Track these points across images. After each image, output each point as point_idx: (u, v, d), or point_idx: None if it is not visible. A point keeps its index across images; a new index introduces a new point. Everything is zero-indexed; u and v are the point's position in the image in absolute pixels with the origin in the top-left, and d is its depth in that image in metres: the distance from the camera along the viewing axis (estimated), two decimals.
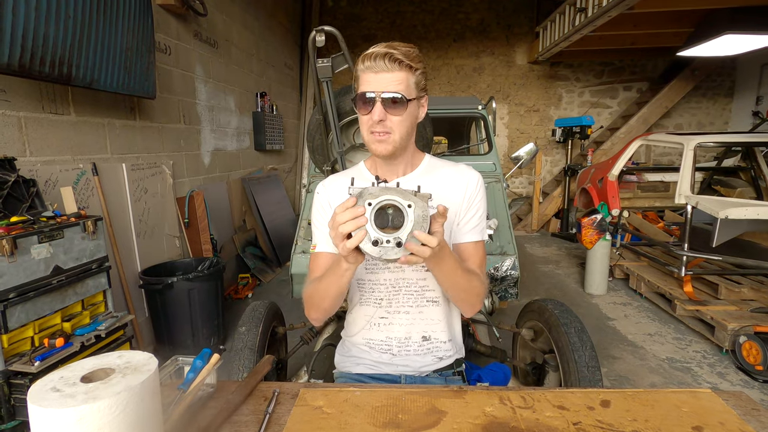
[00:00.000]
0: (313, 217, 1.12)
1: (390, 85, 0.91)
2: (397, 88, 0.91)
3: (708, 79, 6.20)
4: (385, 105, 0.92)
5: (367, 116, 0.94)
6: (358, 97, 0.95)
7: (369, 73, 0.92)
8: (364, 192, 0.77)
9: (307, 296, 1.04)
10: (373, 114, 0.92)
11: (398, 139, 0.96)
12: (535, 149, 2.61)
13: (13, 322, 1.48)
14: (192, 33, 3.31)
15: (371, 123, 0.94)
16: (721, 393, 0.84)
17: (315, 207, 1.11)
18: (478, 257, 1.08)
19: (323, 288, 0.96)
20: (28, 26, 1.68)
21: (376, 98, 0.92)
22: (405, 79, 0.92)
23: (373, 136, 0.96)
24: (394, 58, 0.90)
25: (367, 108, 0.94)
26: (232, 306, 3.43)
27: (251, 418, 0.79)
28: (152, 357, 0.62)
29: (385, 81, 0.91)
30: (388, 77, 0.91)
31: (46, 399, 0.50)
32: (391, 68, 0.91)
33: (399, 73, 0.91)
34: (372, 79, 0.92)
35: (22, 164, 1.85)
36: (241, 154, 4.28)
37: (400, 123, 0.95)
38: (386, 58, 0.89)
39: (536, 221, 6.21)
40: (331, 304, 0.99)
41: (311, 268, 1.09)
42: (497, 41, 6.55)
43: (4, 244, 1.41)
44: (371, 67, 0.91)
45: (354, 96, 0.98)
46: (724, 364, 2.50)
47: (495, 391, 0.86)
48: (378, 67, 0.91)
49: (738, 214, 2.51)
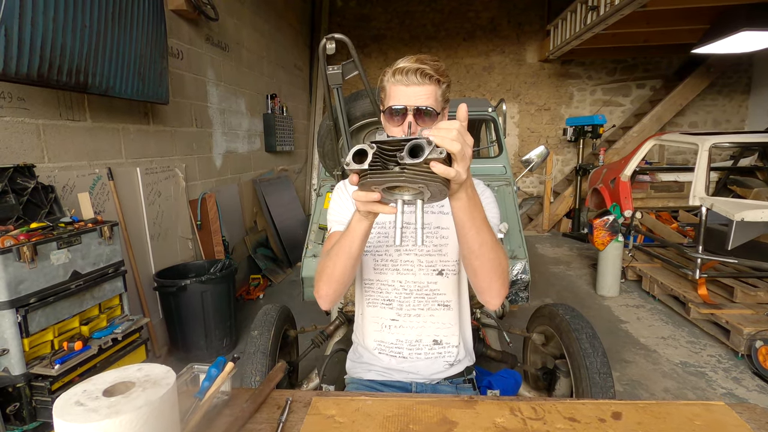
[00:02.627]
0: (331, 206, 1.14)
1: (420, 99, 0.94)
2: (428, 101, 0.94)
3: (724, 76, 6.07)
4: (416, 117, 0.95)
5: (398, 128, 0.97)
6: (389, 109, 0.97)
7: (400, 86, 0.95)
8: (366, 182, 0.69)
9: (319, 270, 1.00)
10: (404, 126, 0.95)
11: None
12: (546, 152, 2.59)
13: (33, 326, 1.52)
14: (203, 37, 3.35)
15: (402, 134, 0.96)
16: (735, 406, 0.83)
17: (334, 197, 1.15)
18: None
19: (335, 251, 0.92)
20: (46, 37, 1.72)
21: (408, 111, 0.94)
22: (434, 92, 0.95)
23: None
24: (425, 73, 0.93)
25: (398, 120, 0.97)
26: (244, 307, 3.47)
27: (265, 427, 0.81)
28: (170, 370, 0.63)
29: (416, 94, 0.94)
30: (419, 90, 0.94)
31: (70, 413, 0.52)
32: (421, 82, 0.93)
33: (429, 87, 0.94)
34: (402, 92, 0.95)
35: (41, 170, 1.89)
36: (252, 155, 4.32)
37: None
38: (418, 73, 0.92)
39: (547, 221, 6.16)
40: (342, 271, 0.93)
41: (325, 246, 1.08)
42: (507, 40, 6.50)
43: (25, 251, 1.46)
44: (402, 81, 0.94)
45: (383, 108, 1.00)
46: (740, 369, 2.46)
47: (506, 402, 0.86)
48: (409, 81, 0.93)
49: (754, 217, 2.46)
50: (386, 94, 0.99)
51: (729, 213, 2.56)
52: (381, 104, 1.04)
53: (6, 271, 1.42)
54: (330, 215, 1.13)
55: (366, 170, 0.66)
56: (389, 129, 1.01)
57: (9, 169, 1.68)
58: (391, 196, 0.73)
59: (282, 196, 4.72)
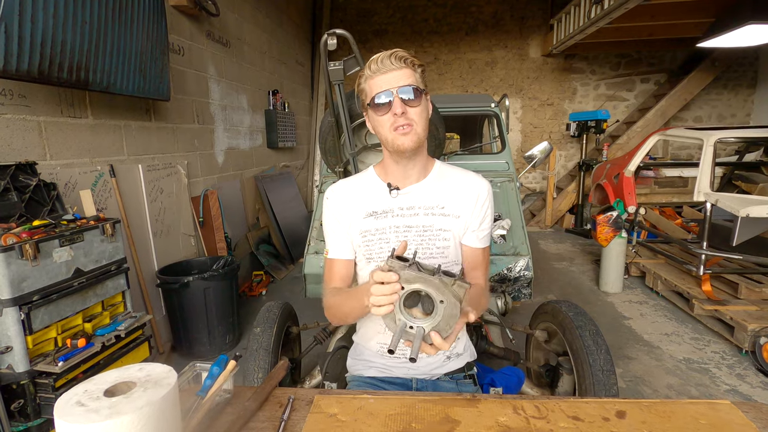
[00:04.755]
0: (324, 224, 1.13)
1: (401, 80, 0.95)
2: (409, 80, 0.95)
3: (729, 70, 6.01)
4: (402, 97, 0.95)
5: (386, 115, 0.97)
6: (374, 101, 0.97)
7: (379, 75, 0.96)
8: (401, 273, 0.77)
9: (328, 305, 1.08)
10: (394, 108, 0.95)
11: (420, 131, 0.99)
12: (549, 148, 2.57)
13: (37, 323, 1.52)
14: (204, 33, 3.34)
15: (393, 119, 0.96)
16: (741, 405, 0.82)
17: (325, 213, 1.13)
18: (485, 263, 1.13)
19: (346, 310, 1.02)
20: (47, 33, 1.71)
21: (394, 93, 0.95)
22: (412, 74, 0.97)
23: (397, 132, 0.97)
24: (399, 56, 0.95)
25: (385, 108, 0.96)
26: (247, 303, 3.48)
27: (267, 425, 0.81)
28: (171, 370, 0.63)
29: (396, 78, 0.95)
30: (399, 74, 0.95)
31: (71, 414, 0.52)
32: (399, 66, 0.95)
33: (407, 69, 0.96)
34: (383, 79, 0.96)
35: (43, 168, 1.89)
36: (254, 152, 4.31)
37: (420, 114, 0.98)
38: (392, 57, 0.95)
39: (550, 217, 6.14)
40: (353, 321, 1.11)
41: (328, 275, 1.12)
42: (510, 34, 6.45)
43: (28, 249, 1.46)
44: (380, 69, 0.96)
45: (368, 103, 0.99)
46: (744, 366, 2.45)
47: (509, 400, 0.86)
48: (386, 67, 0.95)
49: (760, 212, 2.44)
50: (366, 92, 1.00)
51: (734, 209, 2.54)
52: (364, 109, 1.04)
53: (9, 269, 1.42)
54: (326, 235, 1.14)
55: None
56: (377, 122, 0.99)
57: (11, 166, 1.67)
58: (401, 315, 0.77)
59: (284, 193, 4.72)
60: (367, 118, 1.05)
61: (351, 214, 1.08)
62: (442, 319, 0.75)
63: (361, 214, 1.07)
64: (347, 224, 1.08)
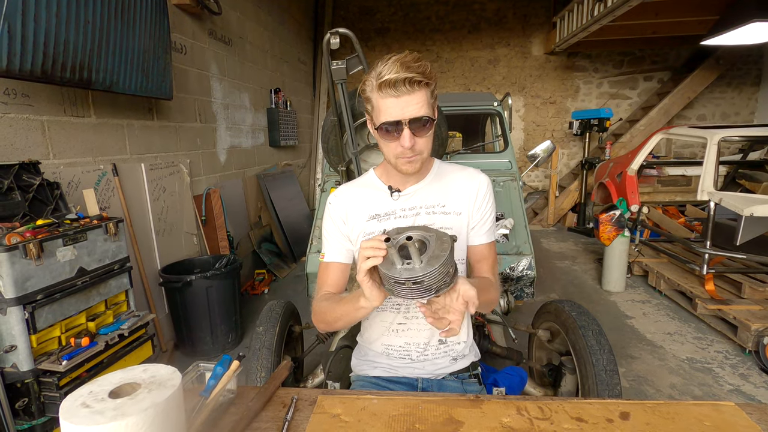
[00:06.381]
0: (324, 228, 1.13)
1: (413, 108, 0.89)
2: (422, 110, 0.90)
3: (733, 68, 5.97)
4: (413, 129, 0.91)
5: (395, 143, 0.93)
6: (382, 125, 0.92)
7: (389, 99, 0.89)
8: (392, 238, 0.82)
9: (317, 310, 1.05)
10: (403, 140, 0.91)
11: (426, 155, 0.98)
12: (552, 147, 2.57)
13: (41, 322, 1.53)
14: (207, 32, 3.34)
15: (401, 150, 0.93)
16: (745, 406, 0.82)
17: (326, 217, 1.13)
18: (491, 258, 1.11)
19: (337, 315, 0.99)
20: (50, 33, 1.71)
21: (403, 124, 0.90)
22: (425, 97, 0.90)
23: (403, 159, 0.95)
24: (414, 81, 0.87)
25: (394, 135, 0.92)
26: (249, 302, 3.49)
27: (271, 425, 0.81)
28: (176, 371, 0.63)
29: (408, 104, 0.89)
30: (411, 99, 0.89)
31: (76, 416, 0.52)
32: (412, 90, 0.88)
33: (420, 93, 0.89)
34: (394, 104, 0.89)
35: (46, 167, 1.90)
36: (256, 150, 4.32)
37: (427, 142, 0.96)
38: (406, 82, 0.87)
39: (552, 215, 6.12)
40: (342, 327, 1.06)
41: (321, 279, 1.11)
42: (513, 32, 6.43)
43: (31, 248, 1.46)
44: (391, 93, 0.89)
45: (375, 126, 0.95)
46: (747, 365, 2.45)
47: (512, 401, 0.85)
48: (399, 92, 0.88)
49: (764, 212, 2.43)
50: (374, 107, 0.93)
51: (738, 208, 2.52)
52: (368, 116, 0.99)
53: (13, 268, 1.43)
54: (324, 238, 1.12)
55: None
56: (383, 144, 0.97)
57: (14, 165, 1.68)
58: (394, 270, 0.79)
59: (286, 191, 4.72)
60: (372, 131, 1.01)
61: (354, 217, 1.08)
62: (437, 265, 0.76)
63: (364, 218, 1.07)
64: (349, 228, 1.08)
